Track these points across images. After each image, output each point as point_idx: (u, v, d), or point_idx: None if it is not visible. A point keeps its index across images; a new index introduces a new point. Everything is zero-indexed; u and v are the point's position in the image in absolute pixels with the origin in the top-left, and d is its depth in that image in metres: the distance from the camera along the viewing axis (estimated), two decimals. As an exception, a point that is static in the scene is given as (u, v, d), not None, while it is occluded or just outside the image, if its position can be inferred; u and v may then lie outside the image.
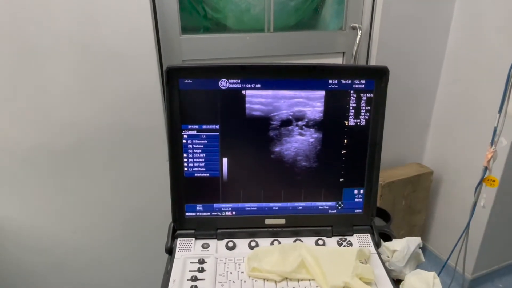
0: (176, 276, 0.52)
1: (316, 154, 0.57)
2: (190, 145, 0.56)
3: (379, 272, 0.53)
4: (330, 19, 1.25)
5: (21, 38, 0.83)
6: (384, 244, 0.60)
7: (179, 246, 0.57)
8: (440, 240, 1.59)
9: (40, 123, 0.92)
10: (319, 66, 0.55)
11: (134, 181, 1.06)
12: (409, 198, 1.42)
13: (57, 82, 0.89)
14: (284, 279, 0.52)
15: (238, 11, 1.12)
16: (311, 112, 0.56)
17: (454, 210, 1.48)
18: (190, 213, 0.59)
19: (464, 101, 1.34)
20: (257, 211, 0.60)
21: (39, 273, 1.07)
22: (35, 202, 0.99)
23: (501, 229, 1.39)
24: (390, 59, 1.26)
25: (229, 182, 0.58)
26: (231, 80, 0.54)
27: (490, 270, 1.51)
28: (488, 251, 1.42)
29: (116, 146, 1.00)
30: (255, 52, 1.13)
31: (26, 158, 0.93)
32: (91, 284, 1.14)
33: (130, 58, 0.93)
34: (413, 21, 1.25)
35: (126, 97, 0.96)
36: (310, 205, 0.60)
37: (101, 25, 0.88)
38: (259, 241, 0.59)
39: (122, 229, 1.11)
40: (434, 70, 1.40)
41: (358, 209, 0.61)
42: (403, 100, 1.38)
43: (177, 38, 1.03)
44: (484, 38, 1.22)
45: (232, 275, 0.53)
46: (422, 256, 0.60)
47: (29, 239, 1.02)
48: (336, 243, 0.59)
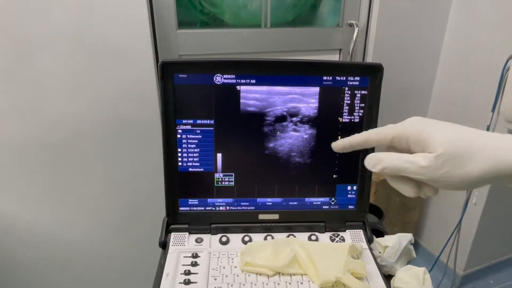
0: (169, 270, 0.52)
1: (310, 150, 0.57)
2: (184, 140, 0.56)
3: (371, 267, 0.54)
4: (327, 15, 1.25)
5: (14, 29, 0.83)
6: (376, 240, 0.60)
7: (173, 241, 0.57)
8: (433, 237, 1.61)
9: (32, 116, 0.91)
10: (314, 62, 0.55)
11: (128, 175, 1.06)
12: (403, 195, 1.43)
13: (50, 74, 0.89)
14: (276, 274, 0.52)
15: (235, 6, 1.12)
16: (305, 108, 0.56)
17: (447, 208, 1.49)
18: (184, 208, 0.59)
19: (459, 98, 1.35)
20: (250, 206, 0.60)
21: (32, 268, 1.07)
22: (28, 196, 0.99)
23: (493, 227, 1.41)
24: (386, 56, 1.27)
25: (223, 177, 0.58)
26: (226, 75, 0.54)
27: (482, 267, 1.53)
28: (480, 248, 1.44)
29: (111, 140, 1.00)
30: (251, 48, 1.13)
31: (19, 152, 0.93)
32: (84, 278, 1.15)
33: (125, 52, 0.92)
34: (409, 18, 1.26)
35: (121, 91, 0.96)
36: (303, 201, 0.61)
37: (97, 18, 0.87)
38: (253, 236, 0.59)
39: (116, 223, 1.11)
40: (430, 67, 1.40)
41: (351, 205, 0.61)
42: (399, 97, 1.38)
43: (173, 32, 1.02)
44: (480, 37, 1.23)
45: (225, 269, 0.53)
46: (413, 252, 0.61)
47: (22, 233, 1.02)
48: (329, 239, 0.60)
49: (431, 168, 0.31)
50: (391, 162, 0.34)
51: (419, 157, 0.32)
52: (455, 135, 0.32)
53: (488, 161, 0.30)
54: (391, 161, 0.34)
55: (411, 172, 0.32)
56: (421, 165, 0.32)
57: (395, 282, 0.54)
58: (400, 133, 0.34)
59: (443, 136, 0.31)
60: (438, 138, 0.32)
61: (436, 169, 0.31)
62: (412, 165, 0.32)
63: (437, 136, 0.32)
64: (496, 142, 0.30)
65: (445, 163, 0.31)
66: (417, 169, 0.32)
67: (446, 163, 0.31)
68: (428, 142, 0.32)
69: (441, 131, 0.32)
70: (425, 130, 0.33)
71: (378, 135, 0.36)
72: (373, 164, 0.35)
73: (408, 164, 0.32)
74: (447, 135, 0.32)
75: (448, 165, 0.31)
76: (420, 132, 0.33)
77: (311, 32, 1.20)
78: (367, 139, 0.36)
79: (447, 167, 0.31)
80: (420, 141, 0.33)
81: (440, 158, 0.31)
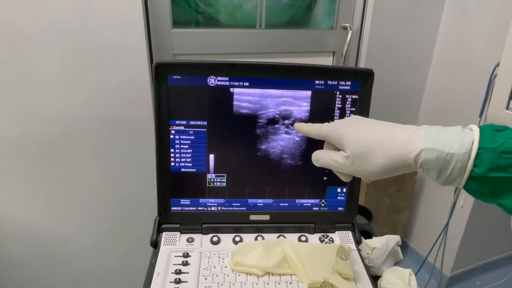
0: (160, 269, 0.53)
1: (301, 152, 0.58)
2: (177, 141, 0.57)
3: (359, 268, 0.55)
4: (321, 18, 1.26)
5: (9, 25, 0.82)
6: (365, 241, 0.62)
7: (164, 240, 0.58)
8: (421, 239, 1.64)
9: (26, 113, 0.91)
10: (306, 66, 0.56)
11: (120, 174, 1.06)
12: (393, 197, 1.46)
13: (45, 72, 0.88)
14: (266, 274, 0.53)
15: (230, 6, 1.12)
16: (297, 111, 0.57)
17: (435, 210, 1.52)
18: (176, 208, 0.60)
19: (449, 102, 1.37)
20: (242, 207, 0.61)
21: (24, 264, 1.06)
22: (21, 193, 0.98)
23: (480, 229, 1.44)
24: (379, 59, 1.28)
25: (215, 178, 0.59)
26: (219, 77, 0.54)
27: (469, 268, 1.56)
28: (467, 250, 1.47)
29: (103, 139, 1.00)
30: (246, 48, 1.13)
31: (12, 149, 0.92)
32: (75, 275, 1.14)
33: (120, 50, 0.92)
34: (403, 23, 1.27)
35: (115, 90, 0.96)
36: (294, 202, 0.62)
37: (92, 16, 0.87)
38: (244, 236, 0.60)
39: (107, 222, 1.11)
40: (422, 71, 1.43)
41: (340, 207, 0.62)
42: (390, 99, 1.40)
43: (168, 32, 1.03)
44: (470, 42, 1.25)
45: (215, 269, 0.54)
46: (400, 253, 0.62)
47: (14, 230, 1.02)
48: (318, 240, 0.61)
49: (346, 165, 0.38)
50: (323, 160, 0.41)
51: (338, 156, 0.39)
52: (358, 137, 0.37)
53: (383, 157, 0.36)
54: (323, 159, 0.41)
55: (336, 168, 0.40)
56: (340, 163, 0.39)
57: (382, 283, 0.56)
58: (325, 136, 0.41)
59: (350, 138, 0.38)
60: (347, 140, 0.38)
61: (349, 166, 0.38)
62: (335, 163, 0.39)
63: (346, 137, 0.38)
64: (390, 140, 0.36)
65: (354, 161, 0.37)
66: (338, 166, 0.39)
67: (354, 161, 0.37)
68: (342, 143, 0.39)
69: (349, 133, 0.38)
70: (340, 132, 0.39)
71: (317, 131, 0.42)
72: (315, 160, 0.43)
73: (332, 162, 0.40)
74: (353, 137, 0.38)
75: (356, 163, 0.37)
76: (338, 134, 0.39)
77: (306, 34, 1.21)
78: (308, 132, 0.43)
79: (356, 164, 0.37)
80: (338, 142, 0.39)
81: (350, 157, 0.38)
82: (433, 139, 0.33)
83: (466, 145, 0.32)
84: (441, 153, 0.32)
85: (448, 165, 0.32)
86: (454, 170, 0.33)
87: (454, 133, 0.33)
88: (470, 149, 0.32)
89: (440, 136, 0.33)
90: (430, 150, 0.33)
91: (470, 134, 0.33)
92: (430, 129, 0.35)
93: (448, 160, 0.32)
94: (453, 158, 0.32)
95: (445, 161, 0.32)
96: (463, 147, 0.32)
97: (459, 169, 0.32)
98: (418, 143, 0.34)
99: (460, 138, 0.32)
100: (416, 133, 0.35)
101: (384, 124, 0.38)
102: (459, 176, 0.33)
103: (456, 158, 0.32)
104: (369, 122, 0.39)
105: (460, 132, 0.33)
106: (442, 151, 0.32)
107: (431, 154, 0.33)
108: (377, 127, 0.38)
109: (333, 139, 0.40)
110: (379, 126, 0.38)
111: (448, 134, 0.33)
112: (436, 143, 0.33)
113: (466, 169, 0.32)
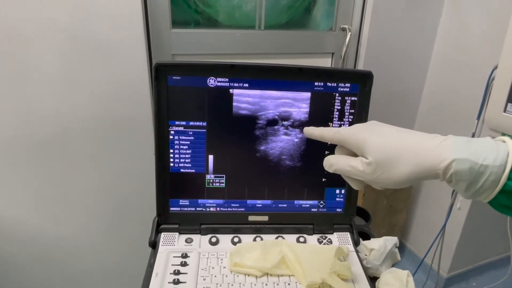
0: (159, 269, 0.53)
1: (300, 154, 0.59)
2: (176, 141, 0.57)
3: (356, 269, 0.55)
4: (320, 19, 1.27)
5: (5, 25, 0.82)
6: (363, 242, 0.62)
7: (162, 240, 0.58)
8: (419, 240, 1.64)
9: (22, 112, 0.90)
10: (306, 68, 0.56)
11: (119, 174, 1.06)
12: (391, 198, 1.46)
13: (42, 71, 0.88)
14: (264, 275, 0.53)
15: (229, 7, 1.12)
16: (296, 113, 0.57)
17: (433, 211, 1.52)
18: (175, 208, 0.60)
19: (447, 105, 1.38)
20: (241, 207, 0.61)
21: (18, 265, 1.06)
22: (18, 193, 0.98)
23: (477, 231, 1.44)
24: (378, 61, 1.29)
25: (215, 178, 0.59)
26: (219, 78, 0.54)
27: (466, 269, 1.57)
28: (464, 251, 1.47)
29: (102, 138, 1.00)
30: (244, 49, 1.13)
31: (8, 148, 0.92)
32: (72, 275, 1.14)
33: (118, 50, 0.92)
34: (401, 25, 1.28)
35: (113, 89, 0.96)
36: (292, 203, 0.62)
37: (90, 15, 0.87)
38: (242, 237, 0.60)
39: (106, 221, 1.11)
40: (420, 73, 1.43)
41: (339, 209, 0.63)
42: (388, 101, 1.41)
43: (167, 32, 1.03)
44: (469, 45, 1.26)
45: (214, 269, 0.54)
46: (398, 255, 0.62)
47: (10, 230, 1.01)
48: (316, 241, 0.61)
49: (367, 172, 0.36)
50: (338, 165, 0.39)
51: (358, 163, 0.37)
52: (383, 144, 0.35)
53: (409, 166, 0.34)
54: (338, 164, 0.39)
55: (353, 175, 0.38)
56: (359, 170, 0.37)
57: (379, 284, 0.56)
58: (342, 140, 0.39)
59: (373, 145, 0.36)
60: (369, 146, 0.36)
61: (370, 173, 0.36)
62: (353, 169, 0.37)
63: (369, 144, 0.36)
64: (417, 148, 0.34)
65: (376, 169, 0.35)
66: (357, 173, 0.37)
67: (376, 168, 0.35)
68: (364, 149, 0.36)
69: (372, 139, 0.36)
70: (361, 137, 0.37)
71: (333, 135, 0.40)
72: (328, 166, 0.40)
73: (350, 168, 0.38)
74: (376, 144, 0.36)
75: (378, 170, 0.35)
76: (357, 140, 0.37)
77: (304, 35, 1.21)
78: (321, 135, 0.41)
79: (378, 172, 0.35)
80: (357, 147, 0.37)
81: (372, 164, 0.35)
82: (465, 149, 0.32)
83: (501, 157, 0.31)
84: (474, 164, 0.31)
85: (481, 177, 0.31)
86: (486, 183, 0.31)
87: (487, 144, 0.32)
88: (505, 161, 0.31)
89: (473, 147, 0.32)
90: (463, 161, 0.31)
91: (504, 146, 0.32)
92: (459, 139, 0.33)
93: (481, 172, 0.31)
94: (486, 170, 0.31)
95: (477, 173, 0.31)
96: (498, 159, 0.31)
97: (492, 182, 0.31)
98: (449, 153, 0.32)
99: (494, 150, 0.31)
100: (445, 142, 0.33)
101: (407, 131, 0.37)
102: (490, 189, 0.32)
103: (490, 171, 0.31)
104: (392, 128, 0.38)
105: (493, 144, 0.32)
106: (475, 163, 0.31)
107: (463, 165, 0.31)
108: (401, 134, 0.36)
109: (352, 144, 0.38)
110: (403, 133, 0.36)
111: (480, 145, 0.32)
112: (469, 154, 0.31)
113: (500, 182, 0.31)
